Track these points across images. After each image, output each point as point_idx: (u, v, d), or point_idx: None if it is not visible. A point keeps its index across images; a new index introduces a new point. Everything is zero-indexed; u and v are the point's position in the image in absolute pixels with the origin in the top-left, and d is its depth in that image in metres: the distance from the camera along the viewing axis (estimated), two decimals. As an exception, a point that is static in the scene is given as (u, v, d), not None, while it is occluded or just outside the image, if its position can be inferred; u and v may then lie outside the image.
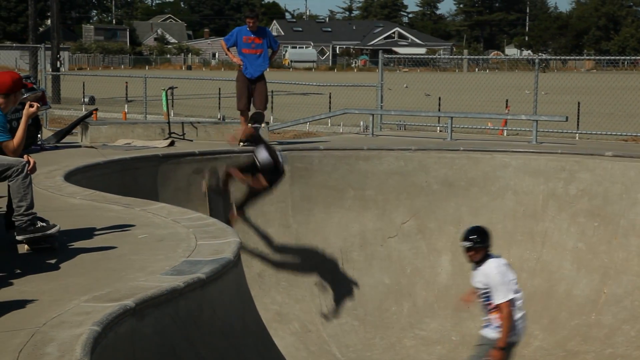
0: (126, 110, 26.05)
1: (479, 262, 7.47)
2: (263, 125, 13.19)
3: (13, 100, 6.38)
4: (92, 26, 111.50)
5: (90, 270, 5.71)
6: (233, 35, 13.07)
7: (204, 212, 9.23)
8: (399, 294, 11.85)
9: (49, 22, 61.32)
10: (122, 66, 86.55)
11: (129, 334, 4.70)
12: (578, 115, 20.79)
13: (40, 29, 64.79)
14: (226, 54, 13.47)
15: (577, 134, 18.32)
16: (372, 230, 12.42)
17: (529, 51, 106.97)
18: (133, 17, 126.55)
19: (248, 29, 12.89)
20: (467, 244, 7.44)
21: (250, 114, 13.10)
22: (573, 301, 11.16)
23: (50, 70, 29.65)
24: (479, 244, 7.44)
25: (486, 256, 7.48)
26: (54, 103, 26.06)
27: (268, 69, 13.36)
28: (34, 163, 6.23)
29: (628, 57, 39.31)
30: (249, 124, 12.97)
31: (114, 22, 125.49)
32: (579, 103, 21.61)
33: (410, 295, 11.84)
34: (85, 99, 31.07)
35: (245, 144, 12.94)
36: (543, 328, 10.99)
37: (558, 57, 54.83)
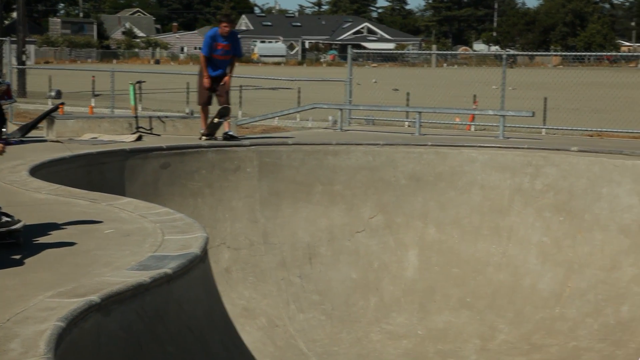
0: (93, 105, 25.88)
1: None
2: (229, 120, 13.23)
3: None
4: (59, 19, 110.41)
5: (55, 265, 5.68)
6: (208, 44, 13.08)
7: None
8: (366, 288, 11.90)
9: (14, 15, 60.66)
10: (90, 60, 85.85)
11: (94, 330, 4.68)
12: (544, 111, 20.98)
13: (6, 22, 63.98)
14: (201, 69, 13.28)
15: (543, 129, 18.50)
16: (340, 225, 12.45)
17: (497, 47, 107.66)
18: (101, 11, 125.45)
19: (221, 33, 12.96)
20: None
21: (219, 109, 13.15)
22: (538, 295, 11.28)
23: (16, 63, 29.35)
24: None
25: None
26: (19, 97, 25.83)
27: (237, 64, 13.52)
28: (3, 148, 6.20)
29: (594, 53, 39.70)
30: (215, 119, 13.04)
31: (81, 15, 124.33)
32: (545, 98, 21.81)
33: (377, 289, 11.89)
34: (52, 93, 30.74)
35: (209, 138, 13.02)
36: (508, 322, 11.11)
37: (525, 53, 55.29)
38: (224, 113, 13.05)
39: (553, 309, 10.98)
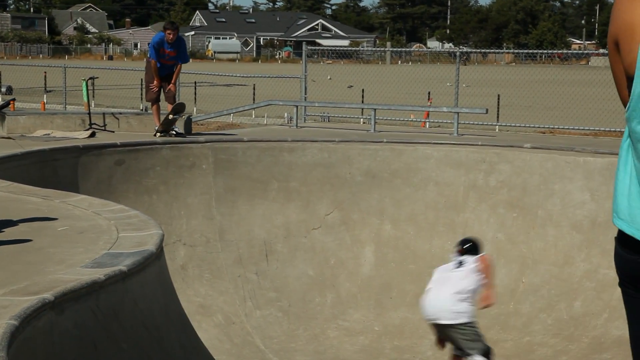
0: (45, 101, 25.50)
1: None
2: (183, 115, 13.24)
3: None
4: (8, 14, 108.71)
5: (7, 263, 5.58)
6: (154, 50, 13.27)
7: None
8: (323, 285, 11.90)
9: (-37, 9, 59.64)
10: (41, 55, 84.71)
11: (48, 328, 4.61)
12: (498, 108, 21.20)
13: (-45, 16, 62.93)
14: (147, 66, 13.64)
15: (497, 126, 18.68)
16: (296, 222, 12.44)
17: (451, 44, 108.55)
18: (52, 6, 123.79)
19: (167, 40, 13.07)
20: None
21: (173, 105, 13.11)
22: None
23: (-35, 58, 28.83)
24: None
25: None
26: (-31, 93, 25.36)
27: (190, 60, 13.59)
28: None
29: (545, 51, 40.15)
30: (170, 115, 12.97)
31: (31, 10, 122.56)
32: (498, 96, 22.04)
33: (334, 286, 11.91)
34: (2, 89, 30.31)
35: (163, 134, 12.96)
36: (464, 317, 11.18)
37: (478, 50, 55.75)
38: (178, 109, 13.00)
39: (507, 305, 11.09)
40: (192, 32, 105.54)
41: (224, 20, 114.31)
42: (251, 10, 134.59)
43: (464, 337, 7.56)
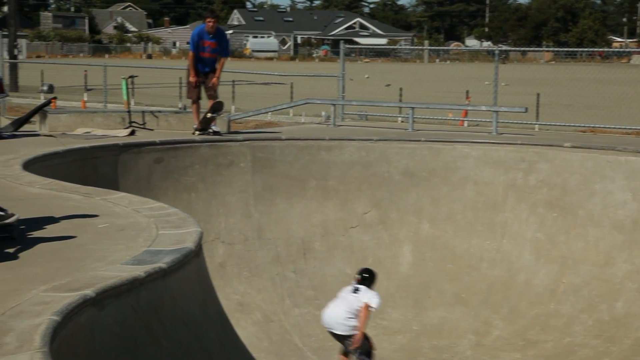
0: (85, 99, 25.79)
1: None
2: (222, 113, 13.25)
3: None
4: (50, 14, 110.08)
5: (49, 259, 5.64)
6: (194, 39, 13.09)
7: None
8: (361, 283, 11.86)
9: (5, 9, 60.38)
10: (81, 54, 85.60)
11: (89, 324, 4.65)
12: (537, 107, 20.98)
13: (-3, 15, 63.81)
14: (189, 66, 13.25)
15: (536, 125, 18.50)
16: (334, 220, 12.43)
17: (489, 42, 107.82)
18: (92, 5, 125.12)
19: (207, 30, 12.94)
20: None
21: (212, 104, 13.13)
22: (532, 291, 11.28)
23: (8, 57, 29.23)
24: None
25: None
26: (11, 91, 25.74)
27: (229, 58, 13.46)
28: None
29: (586, 49, 39.72)
30: (208, 114, 13.03)
31: (72, 9, 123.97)
32: (538, 94, 21.82)
33: (372, 285, 11.86)
34: (44, 87, 30.68)
35: (202, 133, 12.99)
36: (503, 317, 11.11)
37: (517, 49, 55.32)
38: (217, 108, 13.04)
39: (548, 305, 10.98)
40: (231, 31, 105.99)
41: (261, 19, 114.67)
42: (289, 9, 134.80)
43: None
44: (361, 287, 9.05)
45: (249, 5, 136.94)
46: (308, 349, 10.64)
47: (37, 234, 6.39)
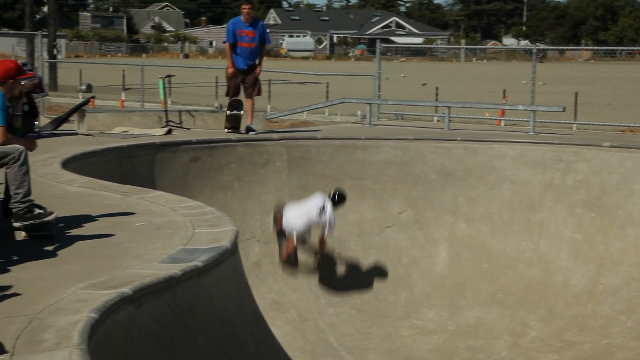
0: (123, 98, 26.01)
1: None
2: (242, 112, 13.25)
3: (10, 88, 6.35)
4: (88, 14, 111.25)
5: (87, 257, 5.71)
6: (230, 30, 13.08)
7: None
8: (396, 283, 11.85)
9: (45, 9, 61.15)
10: (119, 54, 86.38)
11: (126, 322, 4.69)
12: (575, 106, 20.79)
13: (37, 16, 64.60)
14: (227, 58, 13.20)
15: (574, 125, 18.33)
16: (369, 219, 12.41)
17: (527, 41, 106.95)
18: (130, 5, 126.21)
19: (243, 19, 12.93)
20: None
21: (247, 102, 13.20)
22: (570, 292, 11.17)
23: (47, 57, 29.58)
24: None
25: None
26: (51, 90, 26.03)
27: (265, 58, 13.41)
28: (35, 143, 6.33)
29: (626, 48, 39.24)
30: (228, 111, 13.14)
31: (110, 9, 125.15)
32: (576, 93, 21.61)
33: (407, 284, 11.84)
34: (82, 87, 30.91)
35: (231, 130, 13.07)
36: (540, 318, 11.01)
37: (556, 47, 54.75)
38: (234, 105, 13.11)
39: (585, 306, 10.87)
40: (267, 30, 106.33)
41: (297, 18, 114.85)
42: (325, 8, 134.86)
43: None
44: (328, 207, 10.69)
45: (285, 4, 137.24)
46: (343, 349, 10.64)
47: (75, 232, 6.47)
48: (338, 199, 11.18)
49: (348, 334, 10.98)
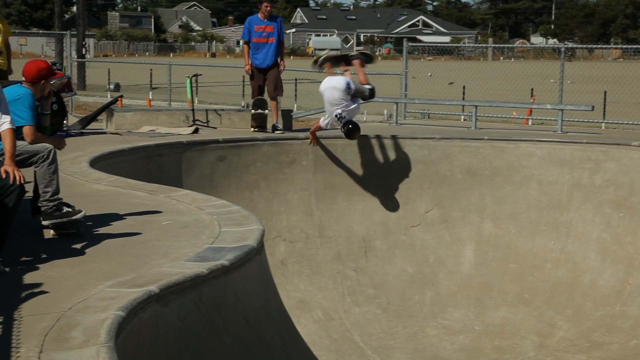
0: (151, 97, 26.13)
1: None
2: (267, 111, 13.28)
3: (41, 88, 6.43)
4: (117, 13, 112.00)
5: (114, 255, 5.75)
6: (246, 28, 13.16)
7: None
8: (422, 283, 11.83)
9: (74, 9, 61.62)
10: (147, 53, 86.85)
11: (153, 320, 4.72)
12: (604, 105, 20.61)
13: (66, 15, 65.10)
14: (244, 56, 13.35)
15: (603, 124, 18.18)
16: (395, 219, 12.39)
17: (555, 40, 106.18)
18: (158, 5, 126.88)
19: (260, 16, 12.99)
20: None
21: (271, 104, 13.23)
22: (598, 292, 11.09)
23: (76, 56, 29.81)
24: None
25: None
26: (79, 90, 26.24)
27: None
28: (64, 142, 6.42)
29: (656, 46, 38.86)
30: (252, 110, 13.17)
31: (138, 9, 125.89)
32: (605, 92, 21.43)
33: (433, 284, 11.82)
34: (111, 86, 31.21)
35: (257, 129, 13.10)
36: (567, 319, 10.94)
37: (584, 46, 54.26)
38: (257, 104, 13.14)
39: (613, 307, 10.78)
40: (293, 30, 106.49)
41: (324, 17, 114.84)
42: (352, 7, 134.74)
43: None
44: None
45: (312, 3, 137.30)
46: (368, 348, 10.64)
47: (103, 230, 6.52)
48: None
49: (373, 333, 10.97)
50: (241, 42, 15.30)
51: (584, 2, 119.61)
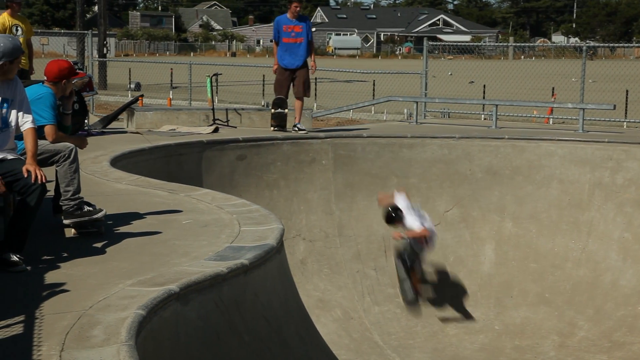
0: (171, 97, 26.24)
1: None
2: (287, 110, 13.23)
3: (62, 88, 6.46)
4: (138, 13, 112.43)
5: (135, 254, 5.78)
6: (275, 27, 13.00)
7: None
8: (442, 282, 11.80)
9: (96, 8, 61.93)
10: (168, 53, 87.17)
11: (173, 319, 4.74)
12: (626, 104, 20.48)
13: (88, 15, 65.47)
14: (274, 55, 13.09)
15: (624, 123, 18.06)
16: (415, 218, 12.35)
17: (576, 38, 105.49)
18: (178, 4, 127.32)
19: (289, 16, 12.82)
20: None
21: (296, 103, 13.15)
22: (619, 292, 11.02)
23: (97, 56, 29.96)
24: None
25: None
26: (100, 89, 26.37)
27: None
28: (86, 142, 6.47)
29: (678, 45, 38.41)
30: (272, 110, 13.11)
31: (159, 8, 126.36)
32: (627, 91, 21.28)
33: (453, 283, 11.78)
34: (131, 85, 31.35)
35: (277, 128, 13.05)
36: (588, 318, 10.89)
37: (606, 45, 53.87)
38: (277, 103, 13.09)
39: (635, 306, 10.71)
40: (314, 29, 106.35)
41: (344, 16, 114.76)
42: (372, 6, 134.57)
43: None
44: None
45: (332, 3, 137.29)
46: (388, 347, 10.63)
47: (123, 229, 6.55)
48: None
49: (393, 333, 10.96)
50: (261, 42, 15.22)
51: (606, 0, 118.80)
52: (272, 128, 13.29)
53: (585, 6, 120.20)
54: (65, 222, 6.30)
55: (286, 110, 13.23)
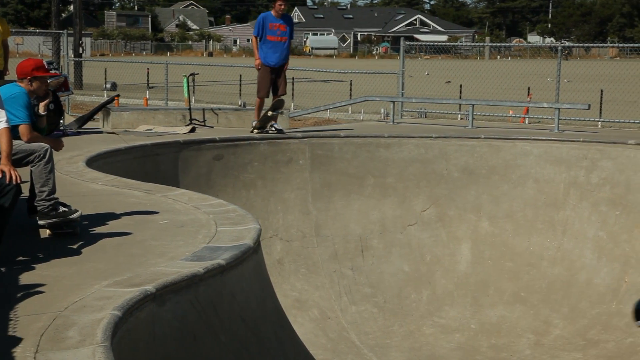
0: (147, 97, 26.14)
1: None
2: (282, 111, 13.22)
3: (35, 87, 6.42)
4: (114, 12, 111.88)
5: (111, 255, 5.76)
6: (259, 24, 12.77)
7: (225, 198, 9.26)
8: (419, 281, 11.85)
9: (71, 8, 61.55)
10: (144, 52, 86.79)
11: (149, 319, 4.73)
12: (601, 103, 20.63)
13: (63, 14, 65.03)
14: (254, 50, 12.81)
15: (599, 122, 18.20)
16: (392, 217, 12.41)
17: (552, 38, 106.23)
18: (155, 4, 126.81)
19: (274, 14, 12.67)
20: None
21: (273, 101, 13.09)
22: (594, 290, 11.11)
23: (73, 56, 29.79)
24: None
25: None
26: (76, 89, 26.22)
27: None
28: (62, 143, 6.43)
29: (652, 45, 38.68)
30: (269, 112, 12.96)
31: (136, 8, 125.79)
32: (601, 91, 21.45)
33: (430, 283, 11.83)
34: (107, 85, 31.20)
35: (260, 131, 12.94)
36: (563, 317, 10.97)
37: (581, 45, 54.30)
38: (277, 106, 13.02)
39: (610, 305, 10.81)
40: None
41: (322, 16, 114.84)
42: (349, 6, 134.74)
43: None
44: None
45: (309, 2, 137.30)
46: (365, 346, 10.65)
47: (99, 229, 6.52)
48: None
49: (370, 332, 10.99)
50: (238, 41, 15.16)
51: (581, 1, 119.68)
52: (255, 131, 12.87)
53: (560, 6, 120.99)
54: (40, 222, 6.26)
55: (277, 113, 12.95)
